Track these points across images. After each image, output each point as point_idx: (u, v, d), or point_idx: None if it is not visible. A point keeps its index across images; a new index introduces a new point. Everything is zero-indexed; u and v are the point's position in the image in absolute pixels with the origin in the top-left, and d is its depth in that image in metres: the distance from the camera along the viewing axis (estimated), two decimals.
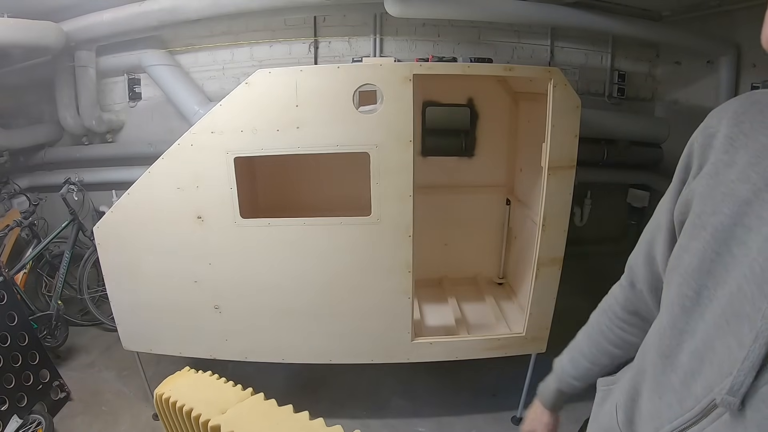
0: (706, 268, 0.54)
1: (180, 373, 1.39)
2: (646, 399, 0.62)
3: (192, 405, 1.18)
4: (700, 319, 0.54)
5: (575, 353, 0.92)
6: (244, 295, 2.17)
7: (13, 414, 2.22)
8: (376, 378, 2.76)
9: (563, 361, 0.94)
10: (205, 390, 1.28)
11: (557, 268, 2.13)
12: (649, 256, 0.73)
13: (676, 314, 0.57)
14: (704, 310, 0.53)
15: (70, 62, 3.34)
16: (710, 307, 0.53)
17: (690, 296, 0.55)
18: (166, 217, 2.07)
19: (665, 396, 0.58)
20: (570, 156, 1.98)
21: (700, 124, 0.62)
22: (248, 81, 1.89)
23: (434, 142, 2.87)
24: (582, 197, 3.83)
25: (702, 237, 0.55)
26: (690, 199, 0.60)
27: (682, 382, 0.55)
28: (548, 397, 0.97)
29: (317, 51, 3.53)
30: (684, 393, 0.54)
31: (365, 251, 2.09)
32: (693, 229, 0.57)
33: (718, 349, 0.51)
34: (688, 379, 0.54)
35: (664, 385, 0.58)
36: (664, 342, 0.60)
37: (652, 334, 0.66)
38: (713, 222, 0.54)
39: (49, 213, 3.67)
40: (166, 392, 1.28)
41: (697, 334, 0.54)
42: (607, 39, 3.63)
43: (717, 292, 0.52)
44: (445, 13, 3.00)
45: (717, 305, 0.52)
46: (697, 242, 0.55)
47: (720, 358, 0.50)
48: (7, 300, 2.42)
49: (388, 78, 1.88)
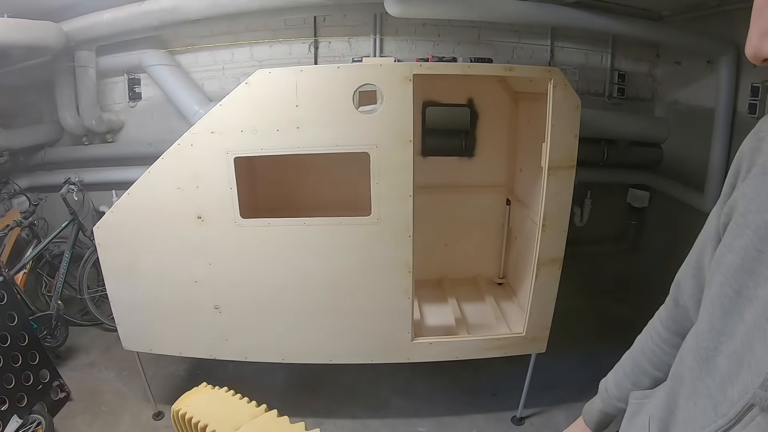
0: (748, 267, 0.52)
1: (197, 389, 1.44)
2: (682, 407, 0.60)
3: (207, 421, 1.24)
4: (740, 320, 0.52)
5: (619, 374, 0.88)
6: (244, 295, 2.17)
7: (13, 414, 2.22)
8: (376, 378, 2.76)
9: (608, 381, 0.91)
10: (220, 406, 1.33)
11: (557, 268, 2.13)
12: (698, 268, 0.70)
13: (715, 315, 0.56)
14: (744, 311, 0.52)
15: (70, 62, 3.33)
16: (750, 307, 0.51)
17: (730, 296, 0.53)
18: (166, 217, 2.07)
19: (700, 402, 0.55)
20: (570, 156, 1.98)
21: (752, 129, 0.61)
22: (248, 81, 1.89)
23: (434, 142, 2.87)
24: (582, 197, 3.83)
25: (746, 235, 0.53)
26: (736, 200, 0.58)
27: (719, 387, 0.53)
28: (593, 417, 0.94)
29: (317, 51, 3.53)
30: (719, 398, 0.52)
31: (365, 251, 2.09)
32: (737, 228, 0.56)
33: (757, 351, 0.48)
34: (725, 384, 0.52)
35: (701, 390, 0.56)
36: (701, 345, 0.57)
37: (690, 338, 0.64)
38: (757, 220, 0.52)
39: (49, 213, 3.67)
40: (183, 408, 1.33)
41: (735, 336, 0.52)
42: (607, 39, 3.62)
43: (758, 291, 0.50)
44: (445, 13, 3.00)
45: (757, 305, 0.50)
46: (741, 240, 0.54)
47: (759, 360, 0.48)
48: (7, 300, 2.42)
49: (388, 78, 1.88)
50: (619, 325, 1.50)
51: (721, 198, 0.64)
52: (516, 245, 2.85)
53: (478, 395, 2.68)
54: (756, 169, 0.56)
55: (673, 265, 0.79)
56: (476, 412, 2.56)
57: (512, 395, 2.52)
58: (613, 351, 0.88)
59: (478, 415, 2.55)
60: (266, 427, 1.24)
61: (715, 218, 0.65)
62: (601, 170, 3.72)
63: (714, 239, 0.65)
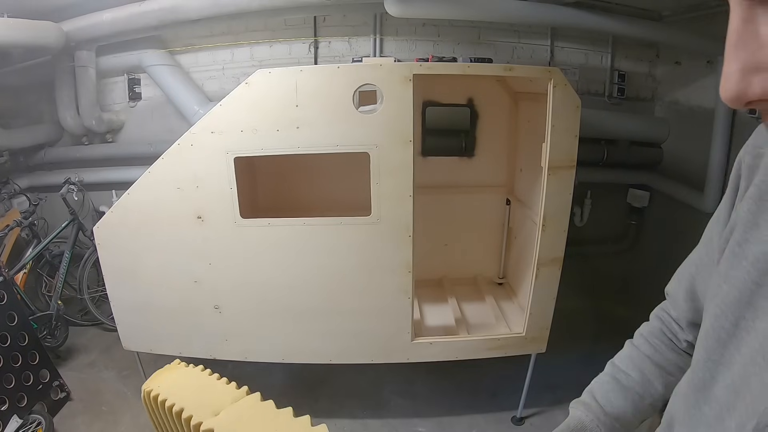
0: (745, 300, 0.50)
1: (170, 366, 1.27)
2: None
3: (182, 405, 1.08)
4: (737, 351, 0.51)
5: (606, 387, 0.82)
6: (244, 295, 2.17)
7: (13, 414, 2.22)
8: (376, 378, 2.76)
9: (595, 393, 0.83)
10: (196, 387, 1.18)
11: (557, 268, 2.13)
12: (691, 292, 0.70)
13: (711, 347, 0.55)
14: (740, 343, 0.50)
15: (70, 62, 3.33)
16: (747, 340, 0.50)
17: (726, 328, 0.52)
18: (166, 217, 2.07)
19: (698, 430, 0.55)
20: (570, 156, 1.98)
21: (748, 139, 0.58)
22: (248, 81, 1.89)
23: (434, 142, 2.87)
24: (582, 197, 3.83)
25: (742, 267, 0.52)
26: (735, 223, 0.56)
27: (717, 416, 0.52)
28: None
29: (317, 51, 3.53)
30: (717, 428, 0.51)
31: (365, 251, 2.09)
32: (733, 258, 0.54)
33: (753, 386, 0.47)
34: (723, 414, 0.51)
35: (698, 419, 0.55)
36: (697, 375, 0.57)
37: (689, 367, 0.63)
38: (755, 251, 0.50)
39: (49, 213, 3.67)
40: (155, 389, 1.15)
41: (733, 366, 0.51)
42: (607, 39, 3.62)
43: (756, 324, 0.49)
44: (445, 13, 3.00)
45: (754, 338, 0.49)
46: (737, 272, 0.52)
47: (754, 395, 0.47)
48: (7, 300, 2.42)
49: (388, 78, 1.88)
50: (619, 325, 1.50)
51: (720, 212, 0.63)
52: (516, 245, 2.85)
53: (477, 395, 2.67)
54: (752, 190, 0.54)
55: (673, 265, 0.78)
56: (476, 412, 2.56)
57: (512, 395, 2.52)
58: (613, 351, 0.87)
59: (477, 415, 2.55)
60: (251, 411, 1.09)
61: (717, 237, 0.62)
62: (601, 170, 3.71)
63: (709, 263, 0.64)
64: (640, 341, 0.81)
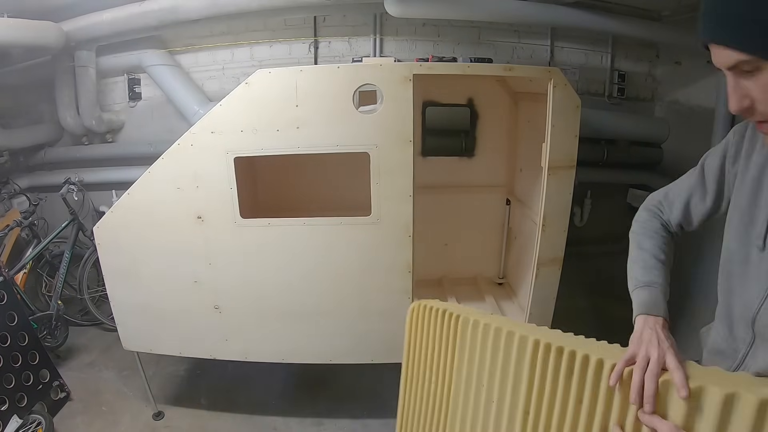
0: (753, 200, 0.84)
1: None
2: (737, 291, 0.86)
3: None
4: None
5: (650, 266, 1.01)
6: (244, 295, 2.17)
7: (13, 414, 2.22)
8: (376, 378, 2.76)
9: (649, 276, 0.98)
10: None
11: (557, 268, 2.13)
12: (686, 206, 1.03)
13: (741, 232, 0.86)
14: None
15: (70, 62, 3.33)
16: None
17: (746, 222, 0.85)
18: (166, 217, 2.07)
19: (749, 284, 0.83)
20: (570, 156, 1.99)
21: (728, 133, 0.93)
22: (248, 81, 1.89)
23: (434, 142, 2.87)
24: (582, 197, 3.82)
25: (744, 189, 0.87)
26: (733, 175, 0.92)
27: (758, 276, 0.81)
28: (663, 307, 0.92)
29: (317, 51, 3.53)
30: (764, 281, 0.79)
31: (365, 251, 2.09)
32: (741, 186, 0.89)
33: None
34: (763, 274, 0.79)
35: (748, 275, 0.83)
36: (740, 249, 0.86)
37: (725, 252, 0.91)
38: (748, 178, 0.87)
39: (49, 213, 3.67)
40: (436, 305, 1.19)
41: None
42: (607, 39, 3.62)
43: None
44: (445, 13, 3.00)
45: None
46: (745, 186, 0.87)
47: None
48: (7, 300, 2.42)
49: (387, 78, 1.88)
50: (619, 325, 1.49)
51: (719, 151, 0.95)
52: (516, 245, 2.85)
53: None
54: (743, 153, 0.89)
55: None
56: None
57: None
58: None
59: None
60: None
61: (717, 169, 0.95)
62: (601, 170, 3.71)
63: (701, 187, 0.99)
64: (653, 231, 1.07)
